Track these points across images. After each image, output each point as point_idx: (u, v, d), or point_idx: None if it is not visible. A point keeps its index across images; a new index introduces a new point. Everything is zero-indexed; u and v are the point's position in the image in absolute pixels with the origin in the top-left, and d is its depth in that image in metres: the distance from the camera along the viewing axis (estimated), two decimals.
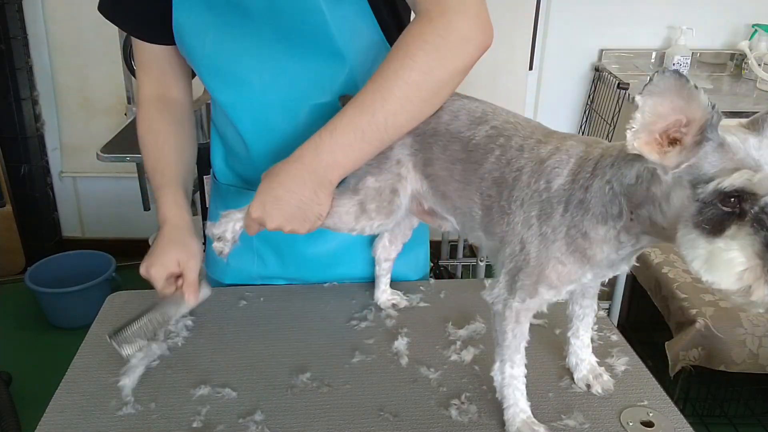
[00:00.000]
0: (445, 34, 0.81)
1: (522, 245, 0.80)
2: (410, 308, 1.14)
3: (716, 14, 2.94)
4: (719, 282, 0.63)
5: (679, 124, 0.65)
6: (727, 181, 0.62)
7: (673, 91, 0.63)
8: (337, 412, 0.90)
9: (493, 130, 0.87)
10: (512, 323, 0.84)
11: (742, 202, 0.62)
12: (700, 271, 0.65)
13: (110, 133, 2.54)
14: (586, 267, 0.78)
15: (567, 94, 3.03)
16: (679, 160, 0.66)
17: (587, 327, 0.96)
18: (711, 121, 0.63)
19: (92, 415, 0.89)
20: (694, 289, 2.05)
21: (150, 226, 2.96)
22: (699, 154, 0.65)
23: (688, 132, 0.65)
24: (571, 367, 0.98)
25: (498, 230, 0.85)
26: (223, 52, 1.00)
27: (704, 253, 0.64)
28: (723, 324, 1.90)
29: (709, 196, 0.63)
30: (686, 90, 0.62)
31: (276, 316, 1.11)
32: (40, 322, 2.71)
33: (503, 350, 0.85)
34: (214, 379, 0.96)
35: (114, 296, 1.17)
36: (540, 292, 0.81)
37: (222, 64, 1.01)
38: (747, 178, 0.61)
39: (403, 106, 0.83)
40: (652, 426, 0.88)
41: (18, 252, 3.03)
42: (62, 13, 2.79)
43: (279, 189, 0.88)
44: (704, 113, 0.63)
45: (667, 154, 0.66)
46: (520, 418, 0.86)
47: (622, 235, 0.75)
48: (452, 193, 0.91)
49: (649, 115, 0.65)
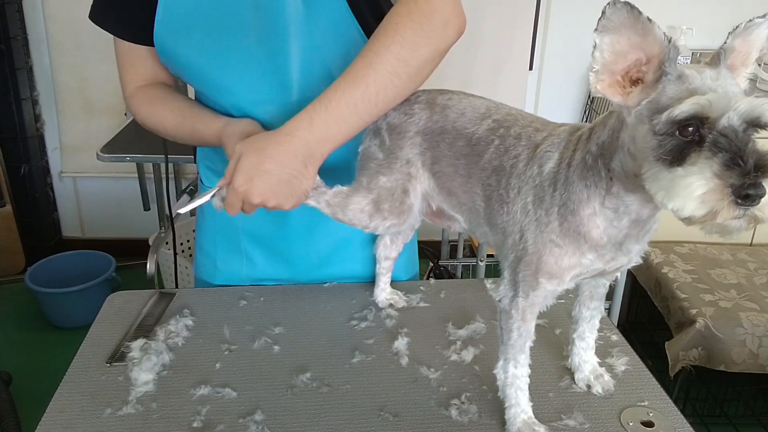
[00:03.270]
0: (430, 15, 0.87)
1: (521, 233, 0.80)
2: (410, 308, 1.14)
3: (716, 14, 2.94)
4: (682, 208, 0.62)
5: (639, 63, 0.65)
6: (678, 108, 0.61)
7: (629, 26, 0.63)
8: (337, 412, 0.90)
9: (495, 122, 0.88)
10: (518, 321, 0.83)
11: (700, 129, 0.62)
12: (663, 200, 0.64)
13: (110, 133, 2.54)
14: (584, 247, 0.76)
15: (567, 94, 3.03)
16: (640, 98, 0.66)
17: (593, 329, 0.95)
18: (669, 55, 0.63)
19: (92, 415, 0.89)
20: (694, 289, 2.05)
21: (150, 226, 2.96)
22: (658, 89, 0.65)
23: (649, 69, 0.65)
24: (573, 367, 0.98)
25: (500, 221, 0.84)
26: (204, 58, 1.00)
27: (666, 183, 0.63)
28: (723, 324, 1.90)
29: (665, 126, 0.63)
30: (641, 24, 0.62)
31: (276, 316, 1.11)
32: (40, 322, 2.71)
33: (508, 349, 0.85)
34: (214, 379, 0.96)
35: (114, 296, 1.17)
36: (541, 283, 0.79)
37: (204, 70, 1.01)
38: (696, 102, 0.61)
39: (392, 81, 0.87)
40: (652, 426, 0.88)
41: (18, 252, 3.03)
42: (62, 13, 2.79)
43: (268, 162, 0.86)
44: (662, 48, 0.63)
45: (629, 95, 0.66)
46: (521, 419, 0.85)
47: (607, 200, 0.74)
48: (457, 188, 0.91)
49: (608, 54, 0.65)
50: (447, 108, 0.92)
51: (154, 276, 2.35)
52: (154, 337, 1.04)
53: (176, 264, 2.10)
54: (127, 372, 0.96)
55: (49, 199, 3.11)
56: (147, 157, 2.36)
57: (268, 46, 0.98)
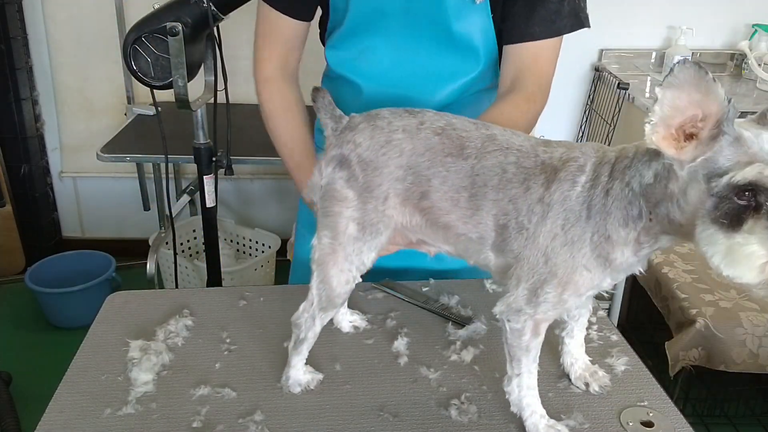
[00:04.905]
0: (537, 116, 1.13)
1: (546, 257, 0.79)
2: (410, 308, 1.14)
3: (716, 14, 2.94)
4: (741, 276, 0.65)
5: (695, 118, 0.65)
6: (739, 174, 0.63)
7: (692, 84, 0.63)
8: (337, 412, 0.90)
9: (498, 150, 0.83)
10: (530, 336, 0.83)
11: (757, 195, 0.63)
12: (721, 266, 0.66)
13: (110, 133, 2.54)
14: (607, 271, 0.79)
15: (567, 94, 3.03)
16: (694, 154, 0.66)
17: (582, 327, 0.96)
18: (727, 116, 0.64)
19: (92, 415, 0.89)
20: (694, 289, 2.05)
21: (150, 226, 2.96)
22: (714, 148, 0.65)
23: (704, 126, 0.65)
24: (566, 367, 0.98)
25: (515, 246, 0.82)
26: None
27: (723, 248, 0.65)
28: (723, 324, 1.90)
29: (724, 190, 0.64)
30: (704, 83, 0.63)
31: (276, 316, 1.11)
32: (40, 322, 2.71)
33: (521, 365, 0.85)
34: (214, 379, 0.96)
35: (114, 296, 1.17)
36: (567, 301, 0.80)
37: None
38: (759, 171, 0.62)
39: None
40: (652, 426, 0.89)
41: (18, 252, 3.03)
42: (62, 13, 2.79)
43: None
44: (721, 107, 0.64)
45: (683, 149, 0.67)
46: (543, 425, 0.86)
47: (642, 236, 0.76)
48: (456, 221, 0.86)
49: (667, 109, 0.65)
50: (436, 134, 0.86)
51: (154, 276, 2.35)
52: (153, 337, 1.04)
53: (176, 264, 2.10)
54: (126, 372, 0.96)
55: (49, 199, 3.11)
56: (147, 157, 2.36)
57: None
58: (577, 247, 0.78)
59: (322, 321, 0.93)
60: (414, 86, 1.18)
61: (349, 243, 0.88)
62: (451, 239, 0.89)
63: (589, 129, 3.00)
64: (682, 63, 0.63)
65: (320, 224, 0.90)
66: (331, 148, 0.89)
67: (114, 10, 2.65)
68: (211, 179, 1.81)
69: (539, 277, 0.80)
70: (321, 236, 0.90)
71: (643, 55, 2.98)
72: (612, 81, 2.72)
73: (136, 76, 1.55)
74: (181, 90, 1.53)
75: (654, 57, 2.98)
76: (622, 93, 2.54)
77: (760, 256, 0.63)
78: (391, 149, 0.86)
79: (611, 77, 2.75)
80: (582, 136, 3.03)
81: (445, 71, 1.18)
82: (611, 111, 2.62)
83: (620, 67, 2.91)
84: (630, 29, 2.95)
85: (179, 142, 1.99)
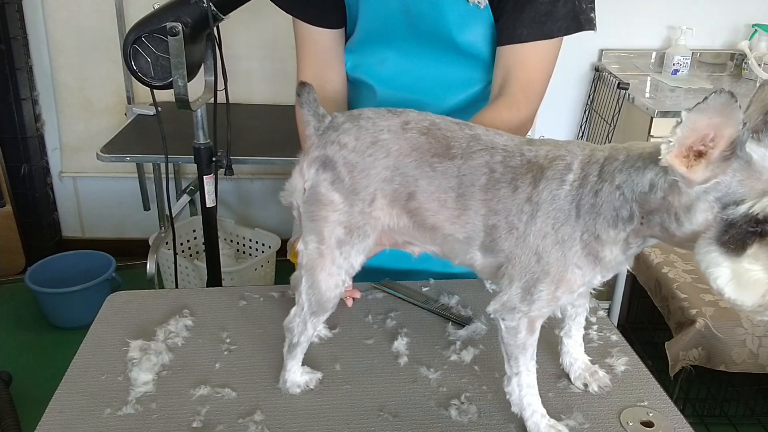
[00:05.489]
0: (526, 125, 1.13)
1: (538, 256, 0.80)
2: (410, 308, 1.14)
3: (716, 14, 2.94)
4: (744, 301, 0.66)
5: (707, 138, 0.65)
6: (759, 205, 0.64)
7: (719, 110, 0.63)
8: (337, 412, 0.90)
9: (483, 149, 0.83)
10: (526, 333, 0.84)
11: (764, 224, 0.64)
12: (724, 289, 0.67)
13: (110, 133, 2.54)
14: (597, 269, 0.80)
15: (567, 94, 3.03)
16: (705, 175, 0.67)
17: (579, 326, 0.96)
18: (741, 139, 0.64)
19: (92, 415, 0.89)
20: (694, 289, 2.05)
21: (150, 226, 2.96)
22: (727, 172, 0.66)
23: (715, 146, 0.65)
24: (565, 367, 0.98)
25: (505, 246, 0.82)
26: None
27: (728, 272, 0.66)
28: (723, 324, 1.90)
29: (740, 219, 0.65)
30: (730, 110, 0.62)
31: (276, 316, 1.11)
32: (40, 322, 2.71)
33: (519, 363, 0.85)
34: (213, 379, 0.96)
35: (114, 296, 1.17)
36: (560, 298, 0.81)
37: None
38: None
39: None
40: (652, 426, 0.89)
41: (18, 252, 3.03)
42: (62, 13, 2.79)
43: None
44: (736, 130, 0.64)
45: (693, 168, 0.67)
46: (544, 424, 0.86)
47: (630, 237, 0.77)
48: (443, 222, 0.85)
49: (688, 130, 0.65)
50: (423, 134, 0.85)
51: (154, 276, 2.35)
52: (153, 337, 1.04)
53: (176, 264, 2.10)
54: (126, 372, 0.96)
55: (49, 199, 3.11)
56: (147, 157, 2.36)
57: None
58: (568, 246, 0.78)
59: (314, 325, 0.92)
60: (426, 92, 1.19)
61: (337, 247, 0.87)
62: (438, 240, 0.88)
63: (589, 129, 3.01)
64: (719, 93, 0.62)
65: (306, 229, 0.89)
66: (314, 149, 0.87)
67: (114, 10, 2.66)
68: (211, 179, 1.81)
69: (532, 275, 0.81)
70: (308, 241, 0.89)
71: (643, 55, 2.98)
72: (612, 81, 2.72)
73: (136, 76, 1.55)
74: (181, 90, 1.53)
75: (654, 57, 2.99)
76: (622, 93, 2.54)
77: (765, 283, 0.65)
78: (378, 150, 0.84)
79: (611, 77, 2.75)
80: (582, 136, 3.03)
81: (453, 81, 1.18)
82: (611, 111, 2.62)
83: (620, 67, 2.91)
84: (630, 29, 2.95)
85: (179, 142, 1.99)
